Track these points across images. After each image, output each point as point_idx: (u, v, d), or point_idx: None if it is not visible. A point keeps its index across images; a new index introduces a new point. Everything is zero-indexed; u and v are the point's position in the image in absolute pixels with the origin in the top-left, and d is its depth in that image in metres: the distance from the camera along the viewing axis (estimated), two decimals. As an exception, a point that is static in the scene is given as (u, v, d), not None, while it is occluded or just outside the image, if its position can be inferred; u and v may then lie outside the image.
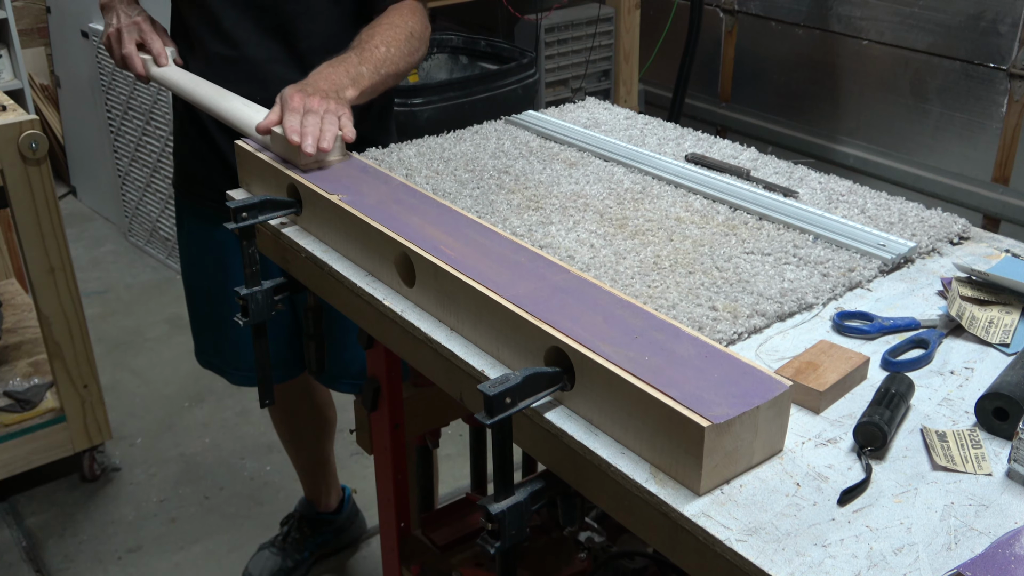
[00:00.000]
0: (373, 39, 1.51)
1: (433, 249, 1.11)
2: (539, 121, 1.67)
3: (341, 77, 1.44)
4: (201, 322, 1.88)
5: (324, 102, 1.38)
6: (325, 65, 1.46)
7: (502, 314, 1.00)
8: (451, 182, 1.43)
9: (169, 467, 2.60)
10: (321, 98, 1.38)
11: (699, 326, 1.04)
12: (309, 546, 2.22)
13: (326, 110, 1.37)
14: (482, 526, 0.94)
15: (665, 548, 0.85)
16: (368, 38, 1.51)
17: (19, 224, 2.17)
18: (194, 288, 1.86)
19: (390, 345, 1.21)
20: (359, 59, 1.47)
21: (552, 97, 3.48)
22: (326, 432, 2.14)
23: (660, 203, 1.35)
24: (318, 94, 1.39)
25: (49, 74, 4.29)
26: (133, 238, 3.87)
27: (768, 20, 3.45)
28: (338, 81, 1.43)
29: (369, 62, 1.48)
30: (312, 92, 1.39)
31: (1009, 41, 2.76)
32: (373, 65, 1.48)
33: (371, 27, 1.54)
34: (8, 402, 2.40)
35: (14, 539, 2.35)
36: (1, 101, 2.20)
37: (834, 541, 0.78)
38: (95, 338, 2.54)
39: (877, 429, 0.87)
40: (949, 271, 1.19)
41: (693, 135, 1.63)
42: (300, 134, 1.33)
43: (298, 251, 1.32)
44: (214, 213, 1.66)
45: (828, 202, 1.36)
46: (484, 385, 0.87)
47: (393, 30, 1.53)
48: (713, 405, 0.83)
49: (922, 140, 3.06)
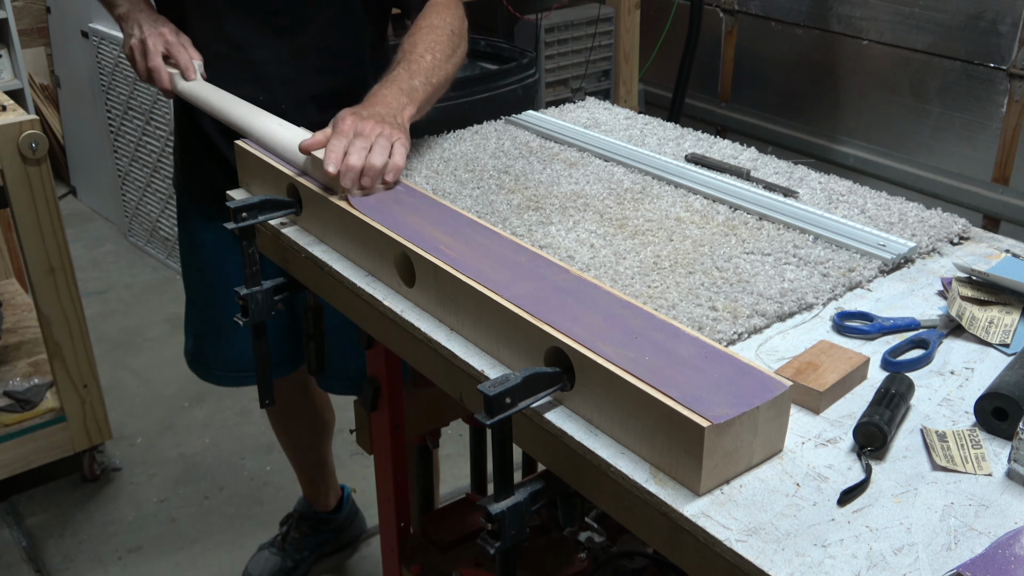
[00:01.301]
0: (416, 48, 1.44)
1: (433, 249, 1.11)
2: (539, 121, 1.67)
3: (396, 96, 1.35)
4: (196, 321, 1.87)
5: (379, 126, 1.28)
6: (377, 87, 1.38)
7: (502, 314, 1.00)
8: (451, 182, 1.43)
9: (169, 467, 2.60)
10: (376, 122, 1.29)
11: (699, 326, 1.04)
12: (308, 546, 2.22)
13: (379, 134, 1.27)
14: (482, 526, 0.94)
15: (665, 548, 0.85)
16: (411, 48, 1.45)
17: (19, 224, 2.17)
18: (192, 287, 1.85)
19: (390, 345, 1.21)
20: (409, 73, 1.40)
21: (552, 97, 3.48)
22: (324, 432, 2.14)
23: (660, 203, 1.35)
24: (373, 118, 1.29)
25: (49, 74, 4.29)
26: (133, 238, 3.87)
27: (768, 20, 3.45)
28: (394, 102, 1.34)
29: (419, 74, 1.41)
30: (367, 116, 1.29)
31: (1009, 41, 2.76)
32: (424, 76, 1.41)
33: (411, 35, 1.48)
34: (8, 402, 2.40)
35: (14, 539, 2.35)
36: (1, 101, 2.20)
37: (834, 541, 0.78)
38: (95, 338, 2.54)
39: (877, 429, 0.87)
40: (949, 271, 1.19)
41: (693, 135, 1.63)
42: (341, 166, 1.23)
43: (298, 251, 1.32)
44: (215, 212, 1.66)
45: (828, 202, 1.36)
46: (484, 385, 0.87)
47: (434, 33, 1.47)
48: (713, 405, 0.83)
49: (922, 140, 3.06)
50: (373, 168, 1.25)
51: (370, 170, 1.25)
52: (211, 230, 1.71)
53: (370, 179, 1.26)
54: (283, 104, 1.56)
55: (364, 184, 1.25)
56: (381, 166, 1.26)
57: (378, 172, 1.26)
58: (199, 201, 1.75)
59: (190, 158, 1.75)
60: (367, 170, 1.25)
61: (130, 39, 1.58)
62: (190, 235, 1.81)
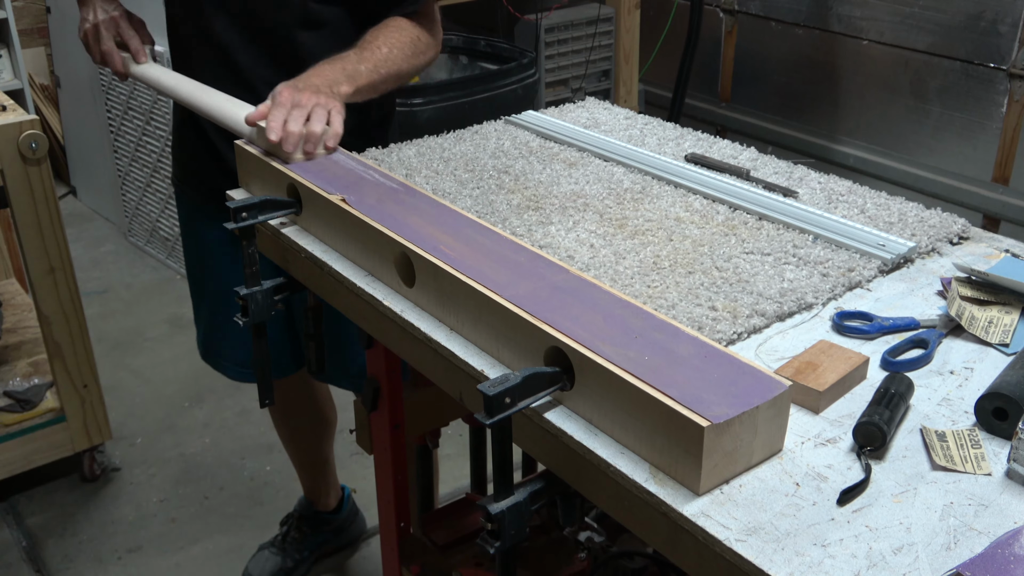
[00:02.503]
0: (376, 40, 1.50)
1: (433, 249, 1.11)
2: (539, 121, 1.67)
3: (336, 73, 1.43)
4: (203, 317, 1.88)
5: (315, 96, 1.37)
6: (322, 62, 1.45)
7: (502, 314, 1.00)
8: (451, 182, 1.43)
9: (169, 467, 2.60)
10: (312, 92, 1.37)
11: (699, 326, 1.04)
12: (309, 546, 2.22)
13: (316, 104, 1.36)
14: (482, 526, 0.94)
15: (665, 548, 0.85)
16: (372, 39, 1.51)
17: (19, 224, 2.17)
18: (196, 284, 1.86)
19: (390, 345, 1.21)
20: (358, 57, 1.47)
21: (552, 97, 3.48)
22: (326, 432, 2.14)
23: (660, 203, 1.35)
24: (309, 89, 1.38)
25: (49, 74, 4.29)
26: (133, 238, 3.87)
27: (768, 20, 3.45)
28: (333, 77, 1.42)
29: (368, 61, 1.47)
30: (303, 87, 1.38)
31: (1009, 41, 2.76)
32: (372, 64, 1.47)
33: (375, 29, 1.54)
34: (8, 402, 2.40)
35: (14, 539, 2.35)
36: (1, 101, 2.20)
37: (833, 541, 0.78)
38: (95, 338, 2.54)
39: (877, 429, 0.87)
40: (949, 271, 1.19)
41: (693, 135, 1.63)
42: (283, 132, 1.32)
43: (298, 251, 1.32)
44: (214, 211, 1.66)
45: (828, 202, 1.36)
46: (484, 385, 0.87)
47: (398, 32, 1.53)
48: (713, 405, 0.83)
49: (922, 140, 3.06)
50: (314, 135, 1.35)
51: (311, 136, 1.35)
52: (211, 229, 1.71)
53: (312, 145, 1.35)
54: None
55: (307, 150, 1.35)
56: (320, 132, 1.36)
57: (318, 138, 1.36)
58: (199, 200, 1.76)
59: (189, 157, 1.75)
60: (308, 136, 1.35)
61: (84, 23, 1.63)
62: (191, 234, 1.82)
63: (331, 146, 1.38)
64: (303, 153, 1.35)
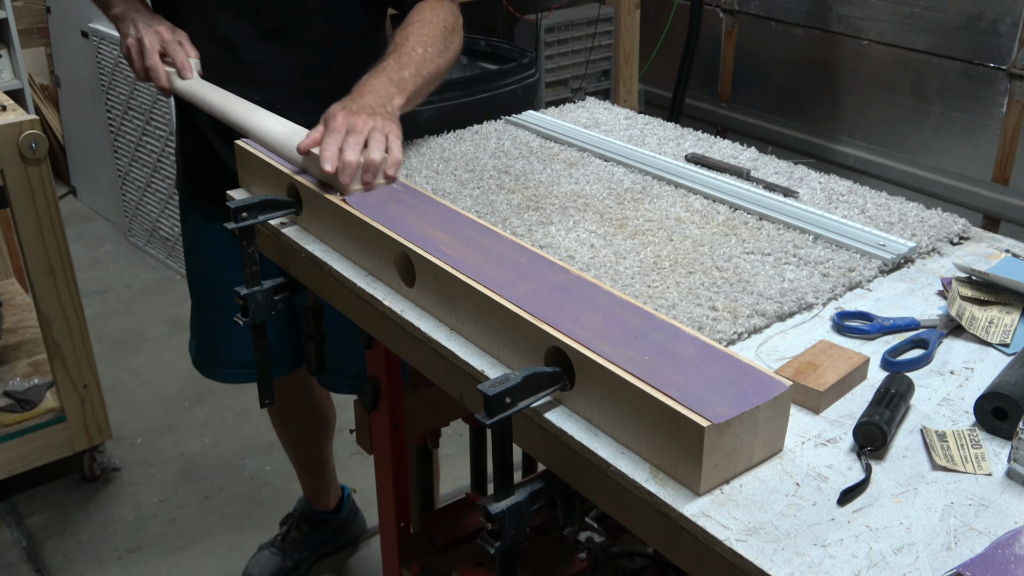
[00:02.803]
0: (408, 41, 1.45)
1: (433, 249, 1.11)
2: (539, 121, 1.67)
3: (385, 86, 1.36)
4: (200, 319, 1.87)
5: (370, 119, 1.28)
6: (367, 77, 1.39)
7: (502, 314, 1.00)
8: (451, 182, 1.43)
9: (169, 467, 2.60)
10: (367, 115, 1.29)
11: (699, 326, 1.04)
12: (309, 545, 2.22)
13: (372, 128, 1.28)
14: (482, 526, 0.94)
15: (665, 548, 0.85)
16: (403, 40, 1.45)
17: (19, 224, 2.17)
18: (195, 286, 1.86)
19: (390, 345, 1.21)
20: (399, 64, 1.40)
21: (552, 97, 3.48)
22: (325, 432, 2.14)
23: (660, 203, 1.35)
24: (364, 111, 1.29)
25: (49, 74, 4.29)
26: (133, 238, 3.87)
27: (768, 20, 3.45)
28: (384, 91, 1.35)
29: (409, 65, 1.41)
30: (357, 109, 1.30)
31: (1009, 41, 2.76)
32: (414, 68, 1.41)
33: (403, 28, 1.48)
34: (8, 402, 2.40)
35: (14, 539, 2.35)
36: (1, 101, 2.20)
37: (834, 541, 0.78)
38: (95, 338, 2.54)
39: (877, 429, 0.87)
40: (949, 271, 1.19)
41: (693, 135, 1.63)
42: (339, 163, 1.24)
43: (298, 251, 1.32)
44: (215, 212, 1.66)
45: (828, 202, 1.36)
46: (484, 385, 0.87)
47: (426, 27, 1.47)
48: (713, 405, 0.83)
49: (922, 140, 3.06)
50: (373, 163, 1.26)
51: (370, 165, 1.26)
52: (212, 230, 1.71)
53: (371, 174, 1.26)
54: (279, 103, 1.56)
55: (366, 180, 1.26)
56: (380, 160, 1.27)
57: (378, 167, 1.26)
58: (200, 201, 1.76)
59: (190, 158, 1.75)
60: (367, 165, 1.26)
61: (127, 39, 1.57)
62: (192, 235, 1.82)
63: (391, 174, 1.29)
64: (362, 183, 1.27)
